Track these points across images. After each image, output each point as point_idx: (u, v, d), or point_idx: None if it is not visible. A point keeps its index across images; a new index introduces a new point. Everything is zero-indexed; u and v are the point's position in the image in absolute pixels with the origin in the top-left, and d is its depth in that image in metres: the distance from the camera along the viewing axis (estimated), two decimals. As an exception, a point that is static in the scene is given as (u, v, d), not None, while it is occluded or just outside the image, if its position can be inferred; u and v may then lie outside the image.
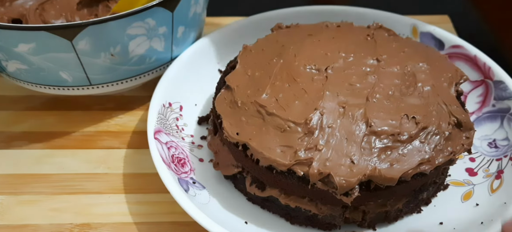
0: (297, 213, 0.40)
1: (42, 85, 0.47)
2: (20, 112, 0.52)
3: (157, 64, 0.49)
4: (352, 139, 0.37)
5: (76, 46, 0.43)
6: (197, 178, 0.43)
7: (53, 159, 0.48)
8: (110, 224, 0.42)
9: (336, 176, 0.35)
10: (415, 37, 0.54)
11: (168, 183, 0.39)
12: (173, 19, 0.46)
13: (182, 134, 0.47)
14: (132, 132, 0.51)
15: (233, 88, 0.42)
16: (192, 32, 0.51)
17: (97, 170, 0.47)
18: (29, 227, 0.42)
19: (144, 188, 0.45)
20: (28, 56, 0.43)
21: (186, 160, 0.44)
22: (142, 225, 0.42)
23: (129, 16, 0.42)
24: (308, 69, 0.43)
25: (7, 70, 0.46)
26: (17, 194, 0.45)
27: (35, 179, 0.46)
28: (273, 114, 0.39)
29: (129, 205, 0.44)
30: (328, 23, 0.49)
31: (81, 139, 0.50)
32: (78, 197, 0.45)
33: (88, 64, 0.45)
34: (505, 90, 0.47)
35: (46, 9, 0.52)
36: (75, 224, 0.42)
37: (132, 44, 0.45)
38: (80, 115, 0.52)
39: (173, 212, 0.43)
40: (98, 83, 0.47)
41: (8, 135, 0.50)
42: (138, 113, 0.53)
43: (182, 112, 0.49)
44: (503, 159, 0.44)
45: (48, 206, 0.44)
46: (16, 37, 0.42)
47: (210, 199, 0.42)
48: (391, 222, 0.41)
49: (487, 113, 0.48)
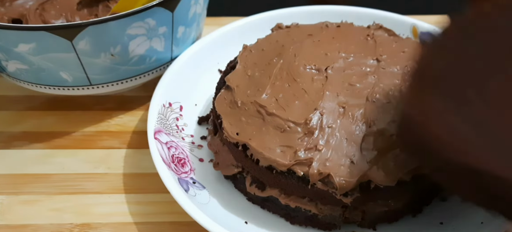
0: (297, 213, 0.40)
1: (42, 85, 0.47)
2: (20, 112, 0.52)
3: (157, 64, 0.49)
4: (352, 139, 0.37)
5: (76, 46, 0.43)
6: (197, 178, 0.43)
7: (53, 159, 0.48)
8: (110, 224, 0.42)
9: (336, 177, 0.35)
10: (415, 37, 0.54)
11: (168, 183, 0.39)
12: (173, 19, 0.46)
13: (182, 134, 0.47)
14: (132, 132, 0.51)
15: (233, 88, 0.42)
16: (192, 32, 0.51)
17: (97, 170, 0.47)
18: (29, 227, 0.42)
19: (144, 188, 0.45)
20: (28, 56, 0.43)
21: (186, 160, 0.44)
22: (142, 225, 0.42)
23: (129, 16, 0.42)
24: (308, 69, 0.43)
25: (7, 70, 0.46)
26: (17, 194, 0.45)
27: (35, 179, 0.46)
28: (273, 114, 0.39)
29: (129, 205, 0.44)
30: (328, 23, 0.49)
31: (81, 139, 0.50)
32: (78, 197, 0.45)
33: (88, 64, 0.45)
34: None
35: (46, 9, 0.52)
36: (75, 224, 0.42)
37: (132, 44, 0.45)
38: (80, 115, 0.52)
39: (173, 212, 0.43)
40: (98, 83, 0.47)
41: (8, 135, 0.50)
42: (138, 113, 0.53)
43: (182, 112, 0.49)
44: (503, 159, 0.44)
45: (48, 206, 0.44)
46: (16, 37, 0.42)
47: (210, 199, 0.42)
48: (391, 222, 0.41)
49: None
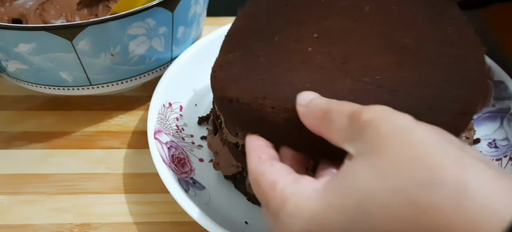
0: (297, 213, 0.40)
1: (42, 85, 0.47)
2: (20, 112, 0.52)
3: (157, 64, 0.49)
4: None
5: (76, 46, 0.43)
6: (197, 178, 0.43)
7: (53, 159, 0.48)
8: (110, 224, 0.42)
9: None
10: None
11: (168, 183, 0.39)
12: (173, 19, 0.46)
13: (182, 134, 0.47)
14: (132, 132, 0.51)
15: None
16: (192, 32, 0.51)
17: (97, 170, 0.47)
18: (29, 227, 0.42)
19: (144, 188, 0.45)
20: (28, 56, 0.43)
21: (186, 160, 0.44)
22: (142, 225, 0.42)
23: (129, 16, 0.42)
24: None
25: (7, 70, 0.46)
26: (17, 194, 0.45)
27: (35, 179, 0.46)
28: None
29: (129, 205, 0.44)
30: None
31: (81, 139, 0.50)
32: (78, 197, 0.45)
33: (88, 64, 0.45)
34: (505, 90, 0.47)
35: (46, 9, 0.52)
36: (75, 224, 0.42)
37: (132, 44, 0.45)
38: (80, 115, 0.52)
39: (173, 212, 0.43)
40: (98, 83, 0.47)
41: (8, 135, 0.50)
42: (138, 113, 0.53)
43: (182, 112, 0.49)
44: (503, 159, 0.44)
45: (48, 206, 0.44)
46: (16, 37, 0.42)
47: (210, 199, 0.42)
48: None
49: (487, 113, 0.48)
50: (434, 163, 0.22)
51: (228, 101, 0.33)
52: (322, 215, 0.24)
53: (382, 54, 0.33)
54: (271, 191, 0.27)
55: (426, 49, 0.33)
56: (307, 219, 0.25)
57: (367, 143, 0.24)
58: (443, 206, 0.21)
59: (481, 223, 0.20)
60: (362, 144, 0.25)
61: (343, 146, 0.26)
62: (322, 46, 0.35)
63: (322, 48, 0.35)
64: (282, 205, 0.26)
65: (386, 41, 0.34)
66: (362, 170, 0.24)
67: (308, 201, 0.25)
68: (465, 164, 0.22)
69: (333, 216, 0.24)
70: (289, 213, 0.25)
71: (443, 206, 0.21)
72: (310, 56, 0.34)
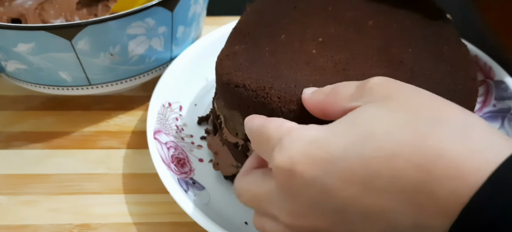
0: (297, 213, 0.40)
1: (41, 85, 0.47)
2: (20, 112, 0.52)
3: (157, 64, 0.49)
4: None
5: (75, 46, 0.42)
6: (197, 178, 0.43)
7: (53, 159, 0.48)
8: (110, 224, 0.42)
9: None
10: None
11: (168, 183, 0.39)
12: (173, 19, 0.46)
13: (182, 134, 0.47)
14: (132, 132, 0.51)
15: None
16: (192, 32, 0.51)
17: (97, 170, 0.47)
18: (29, 227, 0.42)
19: (144, 188, 0.45)
20: (27, 56, 0.43)
21: (185, 160, 0.44)
22: (142, 225, 0.42)
23: (129, 16, 0.42)
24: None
25: (7, 70, 0.46)
26: (17, 194, 0.45)
27: (34, 179, 0.46)
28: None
29: (129, 205, 0.44)
30: None
31: (80, 139, 0.50)
32: (77, 197, 0.44)
33: (87, 64, 0.45)
34: (506, 90, 0.47)
35: (46, 8, 0.51)
36: (75, 224, 0.42)
37: (131, 44, 0.45)
38: (80, 115, 0.52)
39: (173, 212, 0.43)
40: (98, 83, 0.47)
41: (7, 135, 0.50)
42: (137, 113, 0.53)
43: (182, 112, 0.49)
44: (503, 159, 0.44)
45: (47, 206, 0.44)
46: (16, 37, 0.41)
47: (210, 199, 0.42)
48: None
49: (488, 113, 0.48)
50: (443, 107, 0.24)
51: (234, 86, 0.34)
52: (324, 139, 0.25)
53: (381, 66, 0.35)
54: (277, 127, 0.28)
55: (421, 65, 0.35)
56: (308, 141, 0.25)
57: (378, 95, 0.26)
58: (447, 136, 0.22)
59: (482, 152, 0.22)
60: (371, 98, 0.26)
61: (350, 105, 0.27)
62: (326, 50, 0.37)
63: (325, 52, 0.37)
64: (287, 133, 0.26)
65: (386, 54, 0.36)
66: (372, 109, 0.25)
67: (314, 129, 0.26)
68: (470, 114, 0.24)
69: (334, 140, 0.25)
70: (293, 138, 0.26)
71: (448, 136, 0.22)
72: (314, 58, 0.36)
